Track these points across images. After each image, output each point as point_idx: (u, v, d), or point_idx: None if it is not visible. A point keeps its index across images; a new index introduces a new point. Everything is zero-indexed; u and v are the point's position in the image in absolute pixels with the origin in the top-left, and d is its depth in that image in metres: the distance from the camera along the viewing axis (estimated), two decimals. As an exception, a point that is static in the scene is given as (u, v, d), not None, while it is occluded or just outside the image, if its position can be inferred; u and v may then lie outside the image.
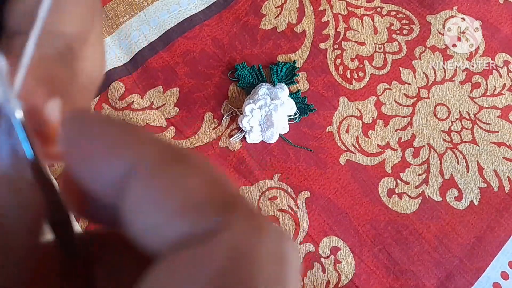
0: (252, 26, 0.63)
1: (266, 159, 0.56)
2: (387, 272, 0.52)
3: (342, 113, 0.59)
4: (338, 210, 0.54)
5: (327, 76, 0.61)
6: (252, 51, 0.62)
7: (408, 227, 0.53)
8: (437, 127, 0.58)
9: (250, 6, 0.65)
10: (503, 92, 0.60)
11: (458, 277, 0.51)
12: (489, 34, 0.63)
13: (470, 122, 0.59)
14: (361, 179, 0.56)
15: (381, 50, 0.62)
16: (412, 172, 0.56)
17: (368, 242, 0.53)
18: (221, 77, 0.60)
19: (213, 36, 0.63)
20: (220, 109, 0.59)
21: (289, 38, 0.63)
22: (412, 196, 0.55)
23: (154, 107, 0.59)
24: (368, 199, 0.55)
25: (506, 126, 0.58)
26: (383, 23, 0.64)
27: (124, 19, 0.63)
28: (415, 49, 0.63)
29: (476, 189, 0.55)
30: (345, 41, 0.63)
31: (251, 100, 0.56)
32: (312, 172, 0.56)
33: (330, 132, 0.58)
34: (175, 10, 0.64)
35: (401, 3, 0.65)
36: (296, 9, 0.65)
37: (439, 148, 0.57)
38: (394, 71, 0.61)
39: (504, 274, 0.52)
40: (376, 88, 0.60)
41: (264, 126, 0.56)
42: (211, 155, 0.57)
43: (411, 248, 0.53)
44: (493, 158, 0.57)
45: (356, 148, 0.57)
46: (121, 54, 0.61)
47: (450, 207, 0.54)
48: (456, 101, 0.60)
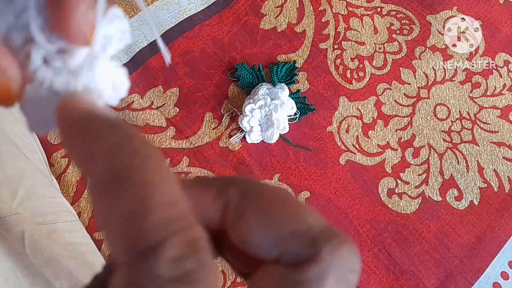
0: (252, 26, 0.63)
1: (266, 159, 0.56)
2: (387, 272, 0.52)
3: (342, 113, 0.59)
4: (338, 210, 0.54)
5: (327, 76, 0.61)
6: (252, 51, 0.62)
7: (408, 227, 0.53)
8: (437, 127, 0.58)
9: (250, 6, 0.65)
10: (503, 92, 0.60)
11: (458, 277, 0.51)
12: (489, 34, 0.63)
13: (470, 122, 0.59)
14: (361, 179, 0.56)
15: (381, 50, 0.62)
16: (412, 172, 0.56)
17: (368, 242, 0.53)
18: (221, 77, 0.60)
19: (213, 36, 0.63)
20: (220, 109, 0.59)
21: (289, 38, 0.63)
22: (412, 196, 0.55)
23: (154, 107, 0.59)
24: (368, 199, 0.55)
25: (506, 126, 0.58)
26: (383, 23, 0.64)
27: (124, 19, 0.63)
28: (415, 49, 0.63)
29: (476, 189, 0.55)
30: (345, 41, 0.63)
31: (251, 100, 0.56)
32: (312, 172, 0.56)
33: (330, 132, 0.58)
34: (175, 10, 0.64)
35: (401, 3, 0.65)
36: (296, 9, 0.65)
37: (439, 148, 0.57)
38: (394, 71, 0.61)
39: (504, 274, 0.52)
40: (376, 88, 0.60)
41: (264, 126, 0.55)
42: (211, 155, 0.57)
43: (411, 248, 0.53)
44: (493, 158, 0.57)
45: (356, 148, 0.57)
46: (121, 54, 0.61)
47: (450, 207, 0.54)
48: (456, 101, 0.60)
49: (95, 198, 0.11)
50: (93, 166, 0.11)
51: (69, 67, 0.13)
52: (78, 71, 0.14)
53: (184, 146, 0.57)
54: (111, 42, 0.14)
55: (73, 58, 0.13)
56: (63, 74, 0.13)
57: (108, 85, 0.14)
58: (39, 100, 0.13)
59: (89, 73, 0.14)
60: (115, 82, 0.14)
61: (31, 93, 0.13)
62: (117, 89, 0.15)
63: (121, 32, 0.14)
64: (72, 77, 0.13)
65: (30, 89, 0.13)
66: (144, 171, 0.11)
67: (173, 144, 0.57)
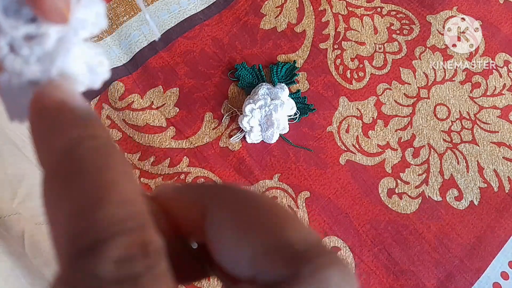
0: (252, 26, 0.63)
1: (266, 159, 0.56)
2: (387, 272, 0.52)
3: (342, 113, 0.59)
4: (338, 210, 0.54)
5: (327, 76, 0.61)
6: (252, 51, 0.62)
7: (408, 227, 0.53)
8: (437, 127, 0.58)
9: (250, 6, 0.65)
10: (503, 92, 0.60)
11: (458, 277, 0.51)
12: (489, 34, 0.63)
13: (470, 122, 0.59)
14: (361, 179, 0.56)
15: (381, 50, 0.62)
16: (412, 172, 0.56)
17: (368, 242, 0.53)
18: (221, 77, 0.60)
19: (213, 36, 0.63)
20: (220, 109, 0.59)
21: (289, 38, 0.63)
22: (412, 196, 0.55)
23: (154, 107, 0.59)
24: (368, 199, 0.55)
25: (506, 126, 0.58)
26: (383, 23, 0.64)
27: (124, 19, 0.63)
28: (415, 49, 0.63)
29: (476, 189, 0.55)
30: (345, 41, 0.63)
31: (251, 100, 0.56)
32: (312, 172, 0.56)
33: (330, 132, 0.58)
34: (175, 10, 0.64)
35: (401, 3, 0.65)
36: (296, 9, 0.65)
37: (439, 148, 0.57)
38: (394, 71, 0.61)
39: (504, 274, 0.52)
40: (376, 88, 0.60)
41: (264, 126, 0.55)
42: (211, 155, 0.57)
43: (411, 248, 0.53)
44: (493, 158, 0.57)
45: (356, 148, 0.57)
46: (121, 54, 0.61)
47: (450, 207, 0.54)
48: (456, 101, 0.60)
49: (47, 191, 0.11)
50: (50, 157, 0.11)
51: (39, 53, 0.13)
52: (50, 56, 0.13)
53: (184, 146, 0.57)
54: (85, 26, 0.13)
55: (45, 41, 0.13)
56: (32, 62, 0.13)
57: (84, 68, 0.13)
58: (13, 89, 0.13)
59: (62, 57, 0.13)
60: (92, 64, 0.14)
61: (4, 82, 0.13)
62: (96, 71, 0.14)
63: (97, 16, 0.13)
64: (43, 64, 0.13)
65: (3, 78, 0.13)
66: (101, 169, 0.10)
67: (173, 144, 0.57)
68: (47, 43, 0.13)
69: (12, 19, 0.12)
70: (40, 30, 0.13)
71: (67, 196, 0.10)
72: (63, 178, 0.10)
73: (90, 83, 0.14)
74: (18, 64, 0.13)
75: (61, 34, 0.13)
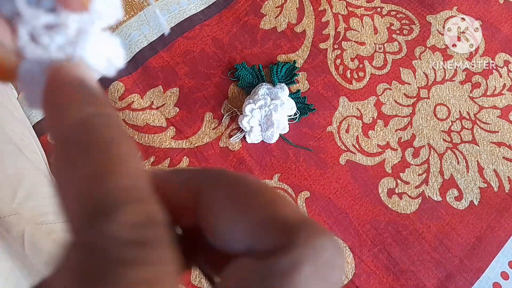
0: (252, 26, 0.63)
1: (266, 159, 0.56)
2: (387, 272, 0.52)
3: (342, 113, 0.59)
4: (338, 210, 0.54)
5: (327, 76, 0.61)
6: (252, 51, 0.62)
7: (408, 227, 0.53)
8: (437, 127, 0.58)
9: (250, 6, 0.65)
10: (503, 92, 0.60)
11: (458, 277, 0.51)
12: (489, 34, 0.63)
13: (470, 122, 0.59)
14: (361, 179, 0.56)
15: (381, 50, 0.62)
16: (412, 172, 0.56)
17: (368, 242, 0.53)
18: (221, 77, 0.60)
19: (213, 36, 0.63)
20: (220, 109, 0.59)
21: (289, 38, 0.63)
22: (412, 196, 0.55)
23: (154, 107, 0.59)
24: (368, 199, 0.55)
25: (506, 126, 0.58)
26: (383, 23, 0.64)
27: (124, 19, 0.63)
28: (415, 49, 0.63)
29: (476, 189, 0.55)
30: (345, 41, 0.63)
31: (251, 100, 0.56)
32: (312, 172, 0.56)
33: (330, 132, 0.58)
34: (175, 10, 0.64)
35: (401, 3, 0.65)
36: (296, 9, 0.65)
37: (439, 148, 0.57)
38: (394, 71, 0.61)
39: (504, 274, 0.52)
40: (376, 88, 0.60)
41: (264, 126, 0.55)
42: (211, 155, 0.57)
43: (411, 248, 0.53)
44: (493, 158, 0.57)
45: (356, 148, 0.57)
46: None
47: (450, 207, 0.54)
48: (456, 101, 0.60)
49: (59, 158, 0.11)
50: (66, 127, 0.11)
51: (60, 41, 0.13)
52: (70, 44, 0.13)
53: (184, 146, 0.57)
54: (102, 17, 0.14)
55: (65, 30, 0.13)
56: (53, 51, 0.13)
57: (102, 56, 0.14)
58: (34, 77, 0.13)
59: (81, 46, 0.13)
60: (109, 53, 0.14)
61: (25, 70, 0.13)
62: (112, 60, 0.14)
63: (113, 7, 0.14)
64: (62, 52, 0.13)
65: (23, 65, 0.13)
66: (112, 142, 0.11)
67: (173, 144, 0.57)
68: (67, 32, 0.13)
69: (33, 8, 0.13)
70: (60, 19, 0.13)
71: (83, 162, 0.11)
72: (79, 145, 0.11)
73: (105, 71, 0.14)
74: (39, 53, 0.13)
75: (80, 23, 0.13)
